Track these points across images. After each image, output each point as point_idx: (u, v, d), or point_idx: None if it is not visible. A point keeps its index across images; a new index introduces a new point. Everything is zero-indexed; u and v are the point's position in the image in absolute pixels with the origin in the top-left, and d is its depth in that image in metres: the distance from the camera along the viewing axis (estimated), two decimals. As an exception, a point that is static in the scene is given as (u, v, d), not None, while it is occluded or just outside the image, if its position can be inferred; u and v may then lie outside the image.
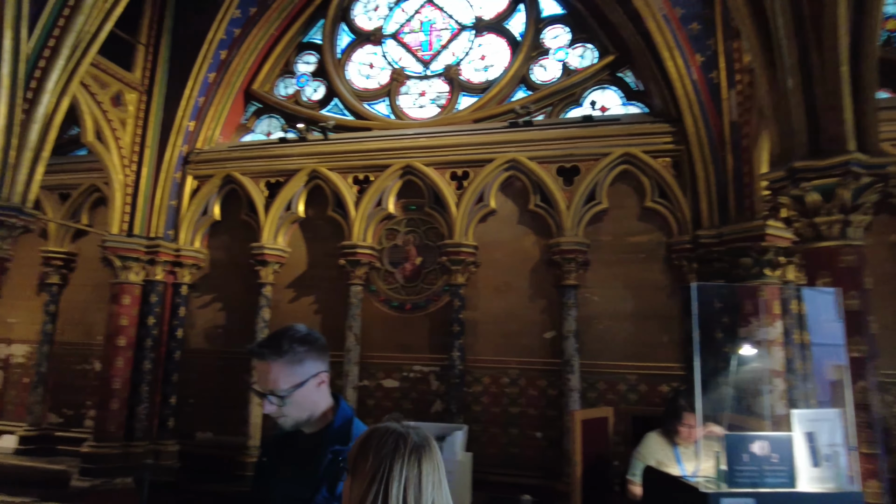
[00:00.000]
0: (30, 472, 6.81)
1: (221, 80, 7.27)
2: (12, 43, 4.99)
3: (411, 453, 1.26)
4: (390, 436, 1.28)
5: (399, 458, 1.25)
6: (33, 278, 7.73)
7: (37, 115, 5.21)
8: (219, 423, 6.90)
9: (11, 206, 5.04)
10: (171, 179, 7.00)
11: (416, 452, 1.26)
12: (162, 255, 6.85)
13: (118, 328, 6.70)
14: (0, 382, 7.77)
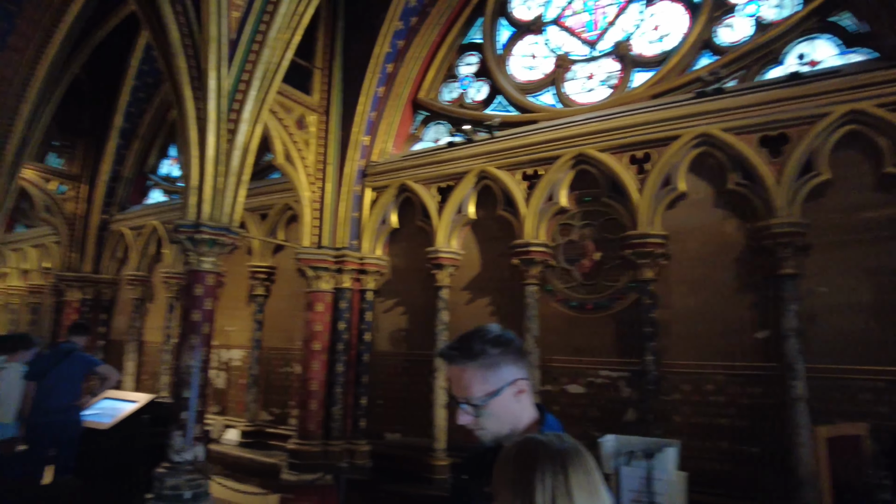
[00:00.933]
0: (250, 462, 7.64)
1: (390, 93, 7.55)
2: (216, 83, 5.60)
3: (554, 460, 1.19)
4: (531, 445, 1.24)
5: (541, 466, 1.18)
6: (244, 290, 8.73)
7: (237, 144, 5.78)
8: (406, 424, 7.08)
9: (222, 226, 5.64)
10: (352, 192, 7.40)
11: (560, 459, 1.19)
12: (348, 264, 7.26)
13: (313, 333, 7.23)
14: (223, 383, 8.88)
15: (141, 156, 11.17)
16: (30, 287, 12.91)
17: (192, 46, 5.60)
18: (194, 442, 5.41)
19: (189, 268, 5.63)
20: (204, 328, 5.49)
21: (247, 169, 5.87)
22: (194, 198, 5.57)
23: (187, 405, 5.39)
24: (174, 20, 5.53)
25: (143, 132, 11.02)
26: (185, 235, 5.51)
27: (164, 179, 11.24)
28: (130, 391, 9.02)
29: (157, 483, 5.19)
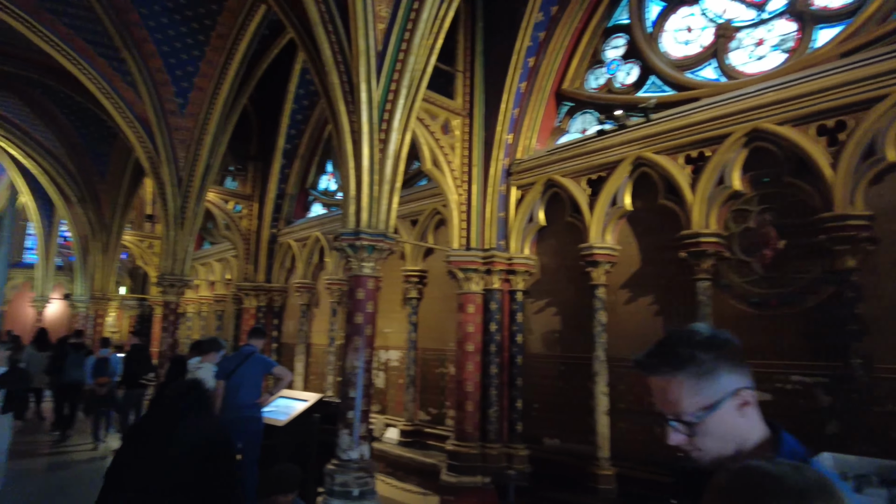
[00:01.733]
0: (409, 461, 7.85)
1: (532, 88, 7.34)
2: (367, 95, 5.82)
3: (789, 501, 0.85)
4: (755, 477, 0.91)
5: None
6: (399, 294, 9.05)
7: (389, 153, 5.95)
8: (564, 429, 6.79)
9: (378, 233, 5.84)
10: (498, 193, 7.31)
11: (799, 500, 0.85)
12: (497, 265, 7.17)
13: (466, 335, 7.23)
14: (383, 383, 9.26)
15: (302, 173, 12.14)
16: (216, 296, 14.66)
17: (344, 62, 5.88)
18: (360, 441, 5.63)
19: (351, 273, 5.90)
20: (366, 330, 5.71)
21: (399, 176, 6.02)
22: (353, 206, 5.82)
23: (353, 405, 5.63)
24: (326, 39, 5.84)
25: (303, 151, 11.97)
26: (347, 243, 5.78)
27: (322, 193, 12.12)
28: (301, 390, 9.77)
29: (328, 479, 5.48)
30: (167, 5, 9.02)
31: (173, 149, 10.20)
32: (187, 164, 10.24)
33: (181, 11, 9.13)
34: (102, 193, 15.18)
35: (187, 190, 10.31)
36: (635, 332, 6.18)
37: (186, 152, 10.24)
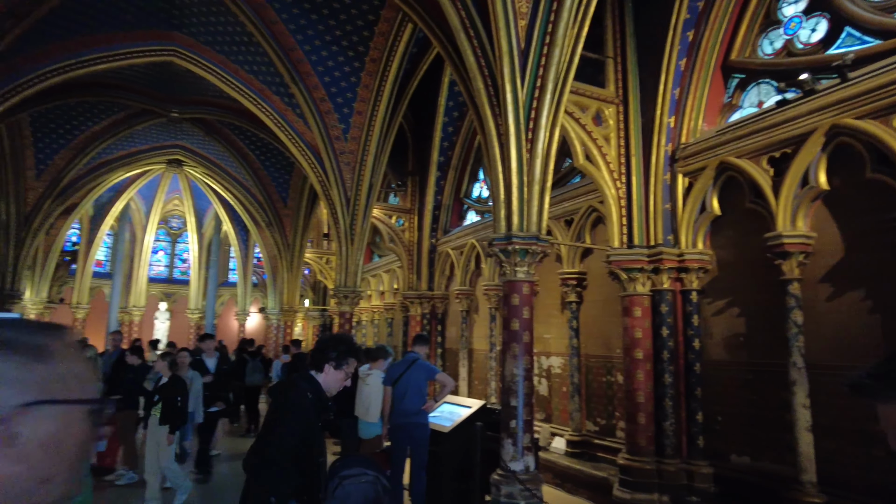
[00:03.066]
0: (578, 474, 7.46)
1: (694, 64, 6.62)
2: (512, 95, 5.67)
3: None
4: None
5: None
6: (557, 298, 8.72)
7: (537, 152, 5.73)
8: (755, 446, 5.93)
9: (531, 236, 5.64)
10: (661, 182, 6.69)
11: None
12: (665, 263, 6.54)
13: (633, 341, 6.70)
14: (546, 390, 8.98)
15: (455, 183, 12.40)
16: (386, 305, 15.56)
17: (487, 66, 5.81)
18: (525, 451, 5.45)
19: (505, 279, 5.77)
20: (524, 336, 5.53)
21: (548, 175, 5.77)
22: (503, 211, 5.70)
23: (515, 414, 5.47)
24: (468, 44, 5.82)
25: (455, 162, 12.24)
26: (499, 248, 5.67)
27: (475, 201, 12.24)
28: (465, 396, 9.87)
29: (494, 489, 5.37)
30: (325, 38, 9.79)
31: (340, 171, 11.03)
32: (353, 184, 11.00)
33: (338, 42, 9.85)
34: (285, 217, 17.04)
35: (355, 209, 11.07)
36: (840, 334, 5.20)
37: (352, 174, 11.01)
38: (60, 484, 0.78)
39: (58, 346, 0.80)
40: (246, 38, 10.25)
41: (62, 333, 0.83)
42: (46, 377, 0.78)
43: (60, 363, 0.80)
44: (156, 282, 24.62)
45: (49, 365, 0.78)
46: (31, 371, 0.77)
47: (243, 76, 11.09)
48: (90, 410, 0.82)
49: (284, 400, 3.05)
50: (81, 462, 0.82)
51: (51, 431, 0.77)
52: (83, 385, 0.82)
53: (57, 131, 14.12)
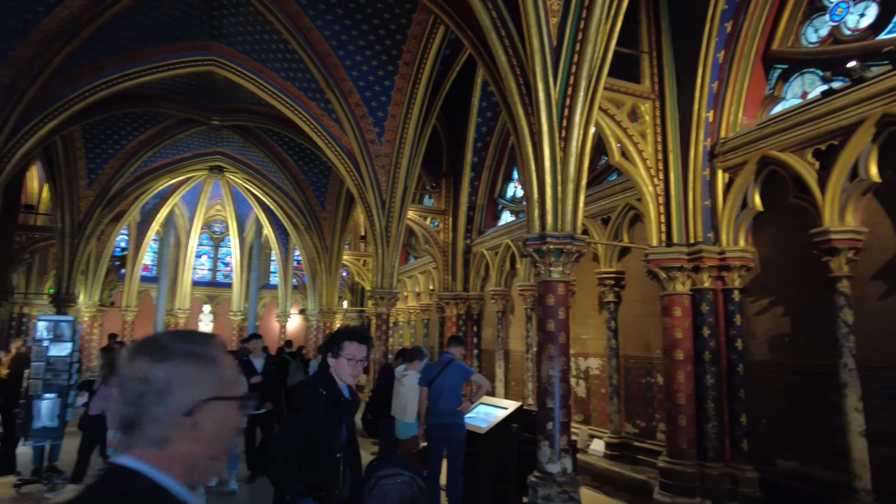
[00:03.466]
0: (617, 476, 7.34)
1: (732, 56, 6.43)
2: (544, 94, 5.61)
3: None
4: None
5: None
6: (594, 298, 8.59)
7: (571, 150, 5.65)
8: (802, 450, 5.71)
9: (565, 235, 5.57)
10: (700, 179, 6.52)
11: None
12: (705, 261, 6.37)
13: (674, 341, 6.54)
14: (584, 392, 8.86)
15: (489, 184, 12.38)
16: (422, 306, 15.64)
17: (519, 65, 5.77)
18: (562, 453, 5.38)
19: (540, 279, 5.72)
20: (560, 337, 5.47)
21: (583, 174, 5.69)
22: (537, 210, 5.65)
23: (552, 415, 5.41)
24: (500, 44, 5.80)
25: (489, 162, 12.21)
26: (533, 248, 5.63)
27: (510, 201, 12.19)
28: (501, 397, 9.83)
29: (531, 491, 5.33)
30: (359, 43, 9.92)
31: (375, 175, 11.15)
32: (388, 187, 11.11)
33: (371, 47, 9.96)
34: (323, 220, 17.32)
35: (390, 211, 11.17)
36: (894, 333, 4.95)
37: (387, 177, 11.12)
38: (219, 460, 1.07)
39: (219, 354, 1.07)
40: (282, 45, 10.47)
41: (218, 343, 1.11)
42: (216, 379, 1.05)
43: (223, 367, 1.07)
44: (200, 285, 25.40)
45: (216, 369, 1.06)
46: (207, 374, 1.04)
47: (280, 83, 11.33)
48: (240, 404, 1.09)
49: (298, 399, 3.10)
50: (231, 443, 1.10)
51: (218, 420, 1.04)
52: (235, 384, 1.09)
53: (106, 142, 14.73)
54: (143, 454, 0.99)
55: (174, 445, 1.00)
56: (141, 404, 0.99)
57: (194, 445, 1.02)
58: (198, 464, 1.03)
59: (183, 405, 1.00)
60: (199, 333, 1.13)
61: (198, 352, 1.05)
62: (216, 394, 1.04)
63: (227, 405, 1.06)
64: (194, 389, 1.02)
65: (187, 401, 1.01)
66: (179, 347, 1.04)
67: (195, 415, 1.01)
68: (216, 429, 1.03)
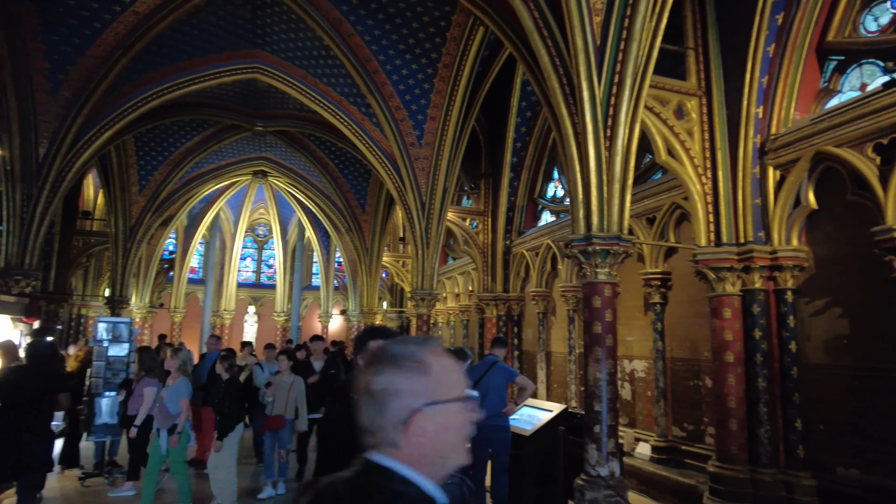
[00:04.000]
0: (664, 480, 7.20)
1: (784, 49, 6.24)
2: (589, 93, 5.57)
3: None
4: None
5: None
6: (639, 299, 8.45)
7: (616, 149, 5.58)
8: (864, 458, 5.48)
9: (612, 236, 5.51)
10: (750, 176, 6.35)
11: None
12: (756, 261, 6.20)
13: (723, 343, 6.39)
14: (629, 394, 8.72)
15: (529, 184, 12.31)
16: (461, 307, 15.67)
17: (562, 65, 5.74)
18: (609, 457, 5.33)
19: (585, 280, 5.67)
20: (607, 340, 5.41)
21: (629, 173, 5.62)
22: (582, 211, 5.61)
23: (599, 419, 5.36)
24: (542, 44, 5.78)
25: (529, 162, 12.15)
26: (578, 249, 5.58)
27: (550, 201, 12.10)
28: (543, 399, 9.77)
29: (578, 494, 5.28)
30: (399, 47, 10.02)
31: (415, 177, 11.25)
32: (428, 189, 11.19)
33: (411, 50, 10.05)
34: (364, 223, 17.56)
35: (430, 213, 11.25)
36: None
37: (427, 179, 11.20)
38: (451, 457, 1.14)
39: (431, 360, 1.13)
40: (324, 51, 10.67)
41: (431, 348, 1.16)
42: (429, 385, 1.11)
43: (436, 373, 1.12)
44: (244, 287, 26.07)
45: (428, 376, 1.11)
46: (418, 382, 1.10)
47: (322, 88, 11.55)
48: (463, 404, 1.14)
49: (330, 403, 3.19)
50: (463, 439, 1.15)
51: (439, 423, 1.10)
52: (453, 386, 1.14)
53: (156, 149, 15.29)
54: (387, 452, 1.10)
55: (404, 449, 1.09)
56: (369, 414, 1.11)
57: (421, 448, 1.09)
58: (432, 462, 1.11)
59: (399, 414, 1.09)
60: (414, 340, 1.19)
61: (408, 362, 1.12)
62: (431, 399, 1.10)
63: (447, 408, 1.11)
64: (407, 398, 1.09)
65: (403, 410, 1.09)
66: (392, 359, 1.13)
67: (413, 422, 1.08)
68: (439, 431, 1.10)
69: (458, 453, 1.15)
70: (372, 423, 1.11)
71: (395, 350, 1.15)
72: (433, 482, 1.11)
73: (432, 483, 1.11)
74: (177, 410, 5.95)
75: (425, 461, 1.10)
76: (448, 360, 1.17)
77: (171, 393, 6.03)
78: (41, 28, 9.08)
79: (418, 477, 1.09)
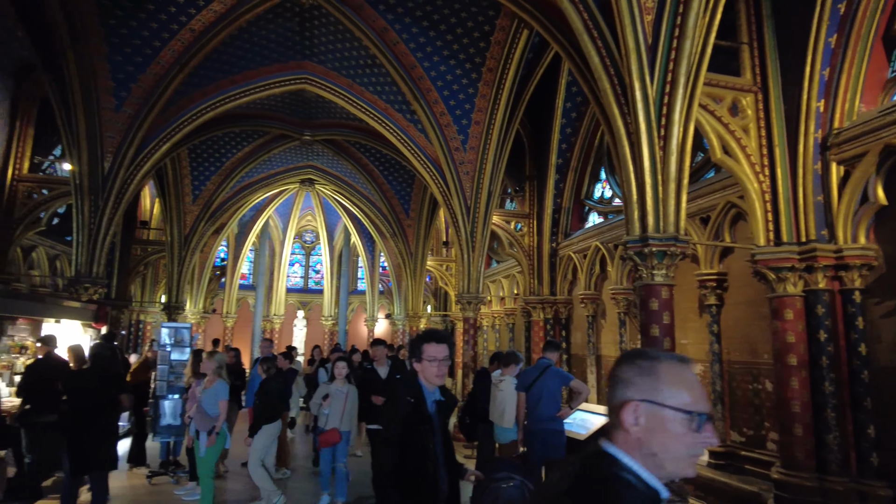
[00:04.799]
0: (724, 487, 6.99)
1: (847, 39, 6.01)
2: (641, 93, 5.50)
3: None
4: None
5: None
6: (693, 301, 8.26)
7: (670, 149, 5.49)
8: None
9: (669, 237, 5.41)
10: (811, 173, 6.13)
11: None
12: (820, 260, 5.97)
13: (785, 346, 6.18)
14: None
15: (575, 185, 12.20)
16: (506, 310, 15.63)
17: (613, 65, 5.70)
18: (669, 461, 5.23)
19: (641, 283, 5.58)
20: (664, 343, 5.32)
21: (685, 172, 5.52)
22: (636, 212, 5.54)
23: (657, 422, 5.27)
24: (592, 46, 5.74)
25: (575, 164, 12.04)
26: (633, 251, 5.51)
27: (597, 202, 11.96)
28: (595, 403, 9.64)
29: (639, 498, 5.20)
30: (443, 53, 10.12)
31: (460, 181, 11.32)
32: (473, 193, 11.24)
33: (455, 56, 10.14)
34: (408, 227, 17.76)
35: (475, 216, 11.30)
36: None
37: (471, 183, 11.26)
38: (669, 463, 1.21)
39: (665, 368, 1.25)
40: (369, 60, 10.87)
41: (675, 359, 1.29)
42: (652, 385, 1.23)
43: (665, 379, 1.24)
44: (293, 292, 26.70)
45: (655, 378, 1.24)
46: (643, 379, 1.24)
47: (368, 97, 11.77)
48: (687, 418, 1.21)
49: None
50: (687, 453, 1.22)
51: (655, 424, 1.21)
52: (682, 399, 1.21)
53: (209, 160, 15.87)
54: (613, 436, 1.26)
55: (621, 436, 1.23)
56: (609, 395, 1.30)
57: (634, 439, 1.21)
58: (645, 457, 1.21)
59: (616, 401, 1.26)
60: (667, 353, 1.34)
61: (643, 361, 1.28)
62: (649, 398, 1.22)
63: (665, 413, 1.21)
64: (627, 389, 1.25)
65: (620, 397, 1.25)
66: (633, 356, 1.31)
67: (626, 410, 1.22)
68: (652, 430, 1.21)
69: (678, 463, 1.22)
70: (607, 406, 1.30)
71: (640, 351, 1.34)
72: (655, 477, 1.20)
73: (653, 476, 1.20)
74: (215, 413, 6.03)
75: (639, 454, 1.20)
76: (688, 376, 1.27)
77: (209, 395, 6.07)
78: (107, 49, 9.58)
79: (635, 464, 1.19)
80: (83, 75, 9.58)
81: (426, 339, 2.99)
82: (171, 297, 17.01)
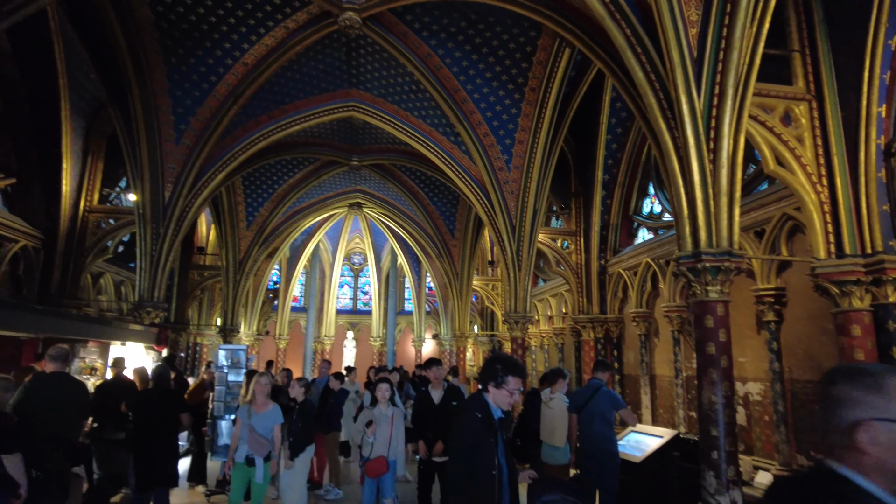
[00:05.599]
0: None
1: (907, 42, 5.77)
2: (688, 106, 5.43)
3: None
4: None
5: None
6: (750, 317, 7.95)
7: (721, 161, 5.38)
8: None
9: (722, 251, 5.27)
10: (875, 181, 5.86)
11: None
12: (889, 273, 5.68)
13: (853, 363, 5.85)
14: (743, 419, 8.16)
15: (622, 201, 12.02)
16: (554, 330, 15.42)
17: (658, 80, 5.66)
18: (729, 484, 5.02)
19: (695, 299, 5.44)
20: (722, 361, 5.14)
21: (737, 185, 5.39)
22: (688, 227, 5.43)
23: (716, 444, 5.08)
24: (636, 61, 5.72)
25: (621, 179, 11.89)
26: (686, 266, 5.39)
27: (647, 218, 11.73)
28: (648, 424, 9.36)
29: (700, 524, 5.01)
30: (486, 75, 10.26)
31: (505, 200, 11.36)
32: (518, 212, 11.25)
33: (498, 77, 10.26)
34: (453, 248, 17.87)
35: (520, 235, 11.28)
36: None
37: (516, 202, 11.27)
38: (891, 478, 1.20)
39: (889, 383, 1.22)
40: (414, 86, 11.13)
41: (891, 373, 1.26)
42: (880, 403, 1.20)
43: (893, 394, 1.21)
44: (342, 313, 27.18)
45: (883, 395, 1.21)
46: (872, 397, 1.21)
47: (413, 121, 12.02)
48: None
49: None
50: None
51: (882, 440, 1.18)
52: None
53: (261, 187, 16.48)
54: (841, 457, 1.23)
55: (852, 457, 1.20)
56: (823, 416, 1.28)
57: (872, 459, 1.18)
58: (883, 475, 1.19)
59: (845, 422, 1.22)
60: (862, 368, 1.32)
61: (864, 378, 1.25)
62: (884, 416, 1.19)
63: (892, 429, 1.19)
64: (855, 409, 1.21)
65: (848, 419, 1.21)
66: (848, 373, 1.27)
67: (859, 431, 1.19)
68: (879, 446, 1.18)
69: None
70: (823, 427, 1.27)
71: (855, 367, 1.30)
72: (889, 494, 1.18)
73: (889, 495, 1.17)
74: (271, 437, 5.67)
75: (880, 476, 1.18)
76: None
77: (263, 419, 5.65)
78: (169, 85, 10.19)
79: (872, 486, 1.17)
80: (146, 110, 10.20)
81: (511, 371, 3.11)
82: (226, 319, 17.60)
